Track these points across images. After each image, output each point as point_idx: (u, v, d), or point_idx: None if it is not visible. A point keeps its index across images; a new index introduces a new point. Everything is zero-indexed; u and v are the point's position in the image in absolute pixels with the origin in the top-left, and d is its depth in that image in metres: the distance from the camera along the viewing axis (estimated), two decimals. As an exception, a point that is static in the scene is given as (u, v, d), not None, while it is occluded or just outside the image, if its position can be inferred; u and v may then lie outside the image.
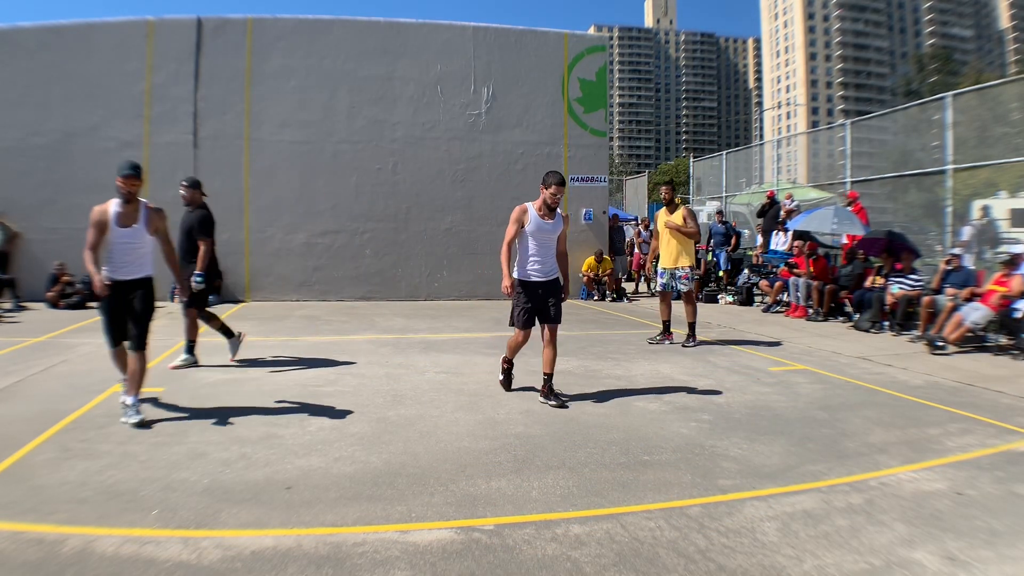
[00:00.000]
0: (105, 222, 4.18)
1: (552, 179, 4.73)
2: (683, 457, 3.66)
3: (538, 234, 4.81)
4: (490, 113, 12.64)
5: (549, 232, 4.82)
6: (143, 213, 4.38)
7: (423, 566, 2.42)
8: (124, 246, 4.26)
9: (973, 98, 10.52)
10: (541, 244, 4.82)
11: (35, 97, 11.13)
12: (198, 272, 5.93)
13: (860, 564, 2.46)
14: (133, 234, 4.28)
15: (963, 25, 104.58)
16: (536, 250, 4.81)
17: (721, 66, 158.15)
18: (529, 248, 4.82)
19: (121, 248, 4.25)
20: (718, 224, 13.44)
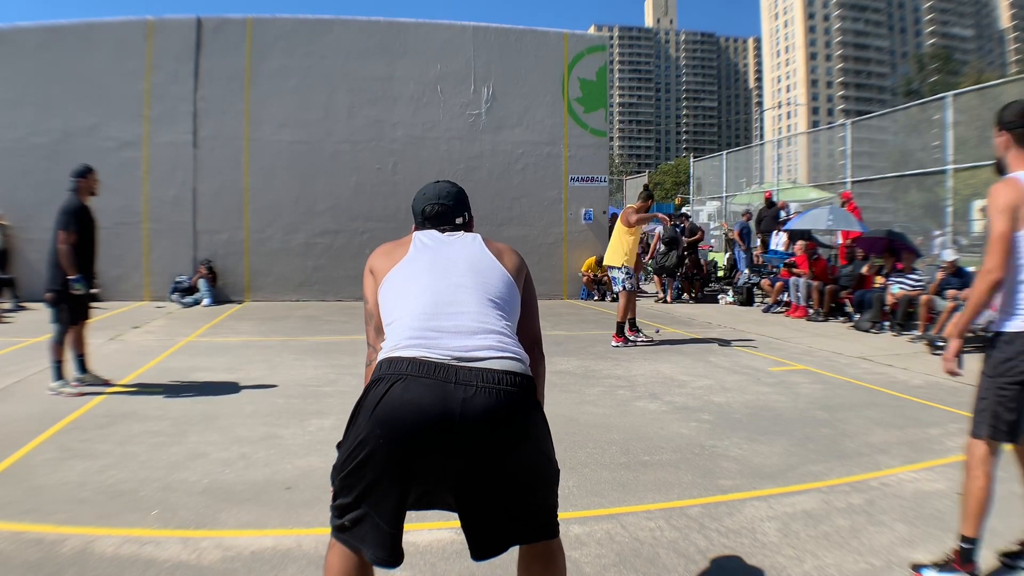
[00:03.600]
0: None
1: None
2: (683, 457, 3.65)
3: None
4: (490, 113, 12.64)
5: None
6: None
7: (423, 566, 2.42)
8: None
9: (973, 98, 10.51)
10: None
11: (35, 97, 11.13)
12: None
13: (860, 564, 2.46)
14: None
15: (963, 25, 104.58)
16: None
17: (721, 66, 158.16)
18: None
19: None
20: (746, 223, 13.35)
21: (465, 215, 1.85)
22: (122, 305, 10.49)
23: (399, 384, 1.37)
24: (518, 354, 1.48)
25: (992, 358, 2.34)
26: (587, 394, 5.12)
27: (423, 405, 1.35)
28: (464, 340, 1.43)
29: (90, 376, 5.14)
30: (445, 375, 1.37)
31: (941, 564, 2.33)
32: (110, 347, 6.94)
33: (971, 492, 2.32)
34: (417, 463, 1.39)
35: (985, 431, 2.31)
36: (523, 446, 1.44)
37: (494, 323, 1.50)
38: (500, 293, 1.59)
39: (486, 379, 1.37)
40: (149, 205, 11.48)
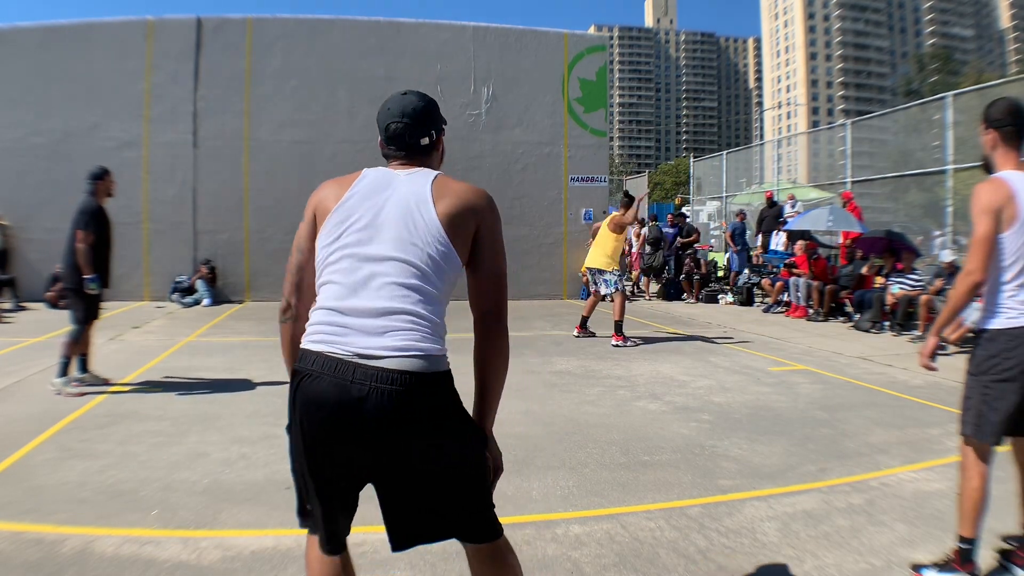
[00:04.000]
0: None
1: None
2: (683, 457, 3.66)
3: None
4: (490, 113, 12.64)
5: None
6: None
7: (423, 566, 2.42)
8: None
9: (974, 98, 10.51)
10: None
11: (35, 97, 11.13)
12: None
13: (860, 564, 2.46)
14: None
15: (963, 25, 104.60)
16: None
17: (721, 66, 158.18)
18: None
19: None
20: (740, 223, 13.34)
21: (432, 134, 1.68)
22: (122, 305, 10.48)
23: (307, 380, 1.42)
24: (420, 349, 1.42)
25: (976, 356, 2.34)
26: (587, 394, 5.12)
27: (326, 402, 1.38)
28: (368, 335, 1.40)
29: (90, 376, 5.17)
30: (343, 373, 1.38)
31: (941, 564, 2.33)
32: (110, 347, 6.94)
33: (966, 492, 2.31)
34: (328, 457, 1.43)
35: (971, 430, 2.32)
36: (425, 445, 1.42)
37: (406, 305, 1.43)
38: (425, 259, 1.47)
39: (380, 379, 1.37)
40: (149, 205, 11.48)
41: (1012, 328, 2.24)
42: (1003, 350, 2.25)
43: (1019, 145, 2.35)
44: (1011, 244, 2.23)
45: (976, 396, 2.31)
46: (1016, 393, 2.24)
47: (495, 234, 1.58)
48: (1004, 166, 2.33)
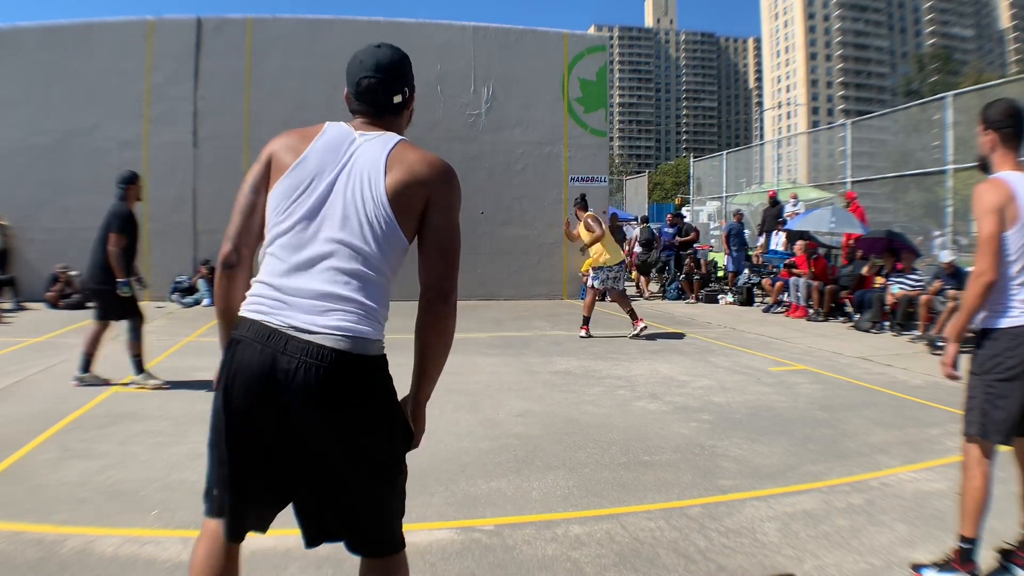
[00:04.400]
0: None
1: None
2: (683, 457, 3.66)
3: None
4: (490, 113, 12.63)
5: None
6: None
7: (423, 566, 2.42)
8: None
9: (973, 98, 10.51)
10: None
11: (35, 97, 11.13)
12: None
13: (860, 564, 2.46)
14: None
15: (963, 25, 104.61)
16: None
17: (721, 66, 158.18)
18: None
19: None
20: (737, 224, 13.34)
21: (405, 92, 1.62)
22: (122, 305, 10.48)
23: (240, 347, 1.39)
24: (353, 330, 1.37)
25: (979, 356, 2.35)
26: (587, 394, 5.12)
27: (255, 371, 1.35)
28: (305, 312, 1.37)
29: (90, 376, 5.18)
30: (276, 343, 1.35)
31: (941, 564, 2.32)
32: (110, 347, 6.93)
33: (968, 492, 2.31)
34: (249, 428, 1.38)
35: (975, 429, 2.32)
36: (345, 433, 1.37)
37: (345, 292, 1.39)
38: (370, 240, 1.42)
39: (310, 354, 1.33)
40: (149, 205, 11.42)
41: (1015, 327, 2.25)
42: (1006, 349, 2.25)
43: (1018, 146, 2.36)
44: (1013, 243, 2.24)
45: (980, 395, 2.30)
46: (1020, 391, 2.24)
47: (446, 209, 1.50)
48: (1003, 167, 2.34)
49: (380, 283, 1.46)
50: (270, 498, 1.45)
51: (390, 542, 1.51)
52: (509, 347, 7.23)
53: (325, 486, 1.41)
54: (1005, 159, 2.35)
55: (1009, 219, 2.24)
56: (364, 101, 1.59)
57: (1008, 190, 2.25)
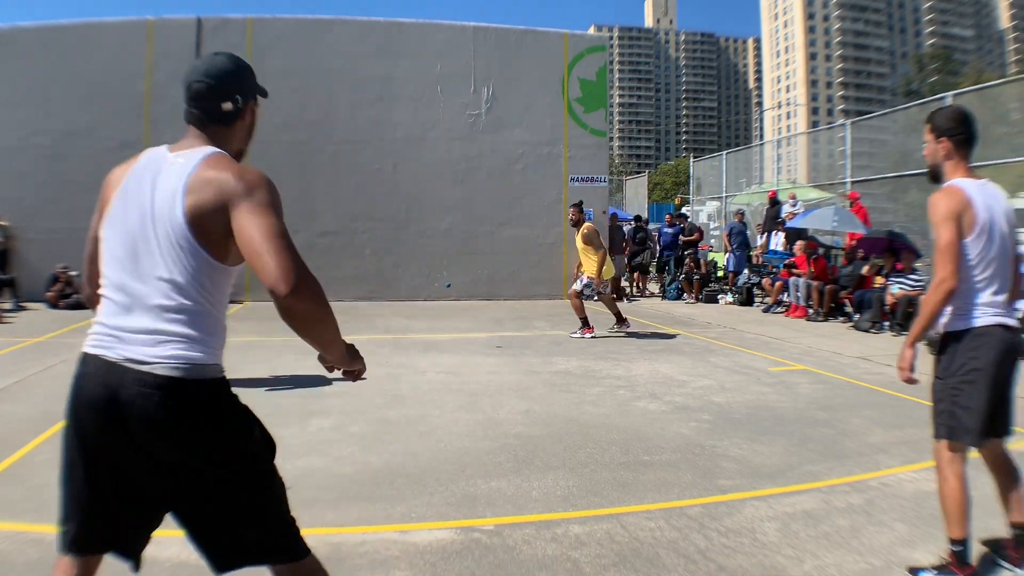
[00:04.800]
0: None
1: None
2: (683, 457, 3.66)
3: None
4: (490, 113, 12.64)
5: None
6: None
7: (423, 566, 2.42)
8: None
9: (973, 98, 10.51)
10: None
11: (36, 97, 11.13)
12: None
13: (860, 564, 2.46)
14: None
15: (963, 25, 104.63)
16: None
17: (721, 66, 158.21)
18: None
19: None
20: (739, 223, 13.33)
21: (237, 99, 1.57)
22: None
23: (82, 381, 1.43)
24: (185, 358, 1.39)
25: (943, 360, 2.38)
26: (587, 394, 5.12)
27: (97, 404, 1.38)
28: (139, 345, 1.39)
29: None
30: (114, 376, 1.38)
31: (939, 567, 2.32)
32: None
33: (947, 495, 2.31)
34: (102, 458, 1.41)
35: (944, 432, 2.33)
36: (193, 458, 1.40)
37: (171, 327, 1.39)
38: (182, 271, 1.40)
39: (145, 384, 1.36)
40: (149, 205, 11.48)
41: (975, 328, 2.30)
42: (969, 351, 2.30)
43: (969, 153, 2.38)
44: (972, 249, 2.29)
45: (946, 399, 2.34)
46: (984, 392, 2.27)
47: (254, 215, 1.37)
48: (956, 174, 2.36)
49: (202, 311, 1.44)
50: (134, 521, 1.47)
51: (285, 549, 1.54)
52: (509, 347, 7.24)
53: (197, 506, 1.44)
54: (958, 167, 2.37)
55: (967, 226, 2.27)
56: (193, 107, 1.57)
57: (964, 197, 2.27)
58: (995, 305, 2.31)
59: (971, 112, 2.43)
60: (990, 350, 2.28)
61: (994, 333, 2.29)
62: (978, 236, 2.28)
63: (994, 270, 2.31)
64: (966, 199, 2.27)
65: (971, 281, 2.31)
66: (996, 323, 2.30)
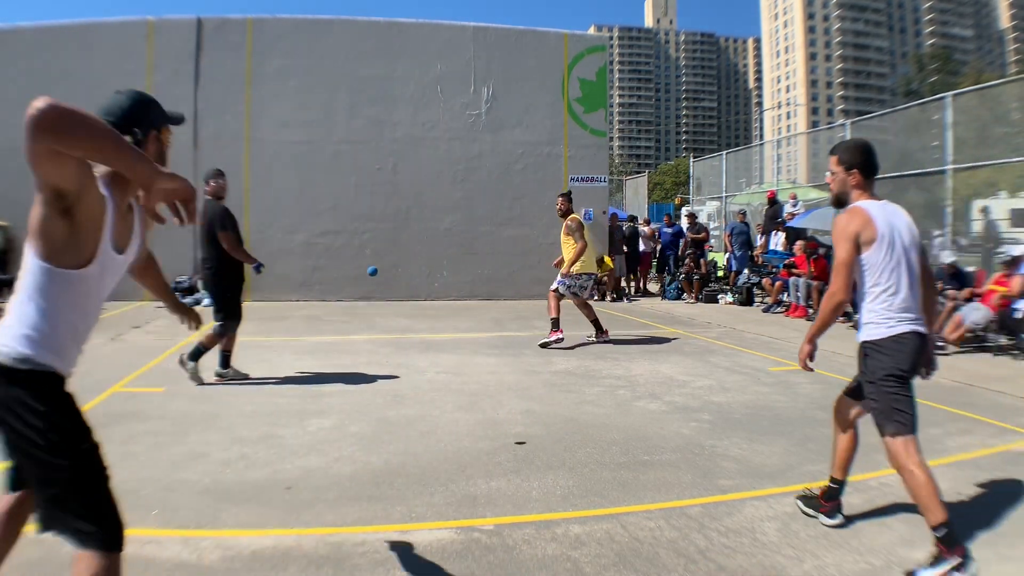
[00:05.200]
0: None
1: None
2: (683, 457, 3.66)
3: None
4: (490, 113, 12.64)
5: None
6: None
7: (423, 566, 2.42)
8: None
9: (973, 98, 10.51)
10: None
11: (35, 97, 11.10)
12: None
13: (860, 564, 2.46)
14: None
15: (963, 25, 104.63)
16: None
17: (721, 66, 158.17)
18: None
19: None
20: (740, 223, 13.32)
21: (136, 132, 1.76)
22: (123, 305, 10.48)
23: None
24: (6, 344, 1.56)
25: (869, 366, 2.61)
26: (587, 394, 5.12)
27: None
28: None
29: (232, 371, 5.47)
30: None
31: (933, 561, 2.32)
32: (111, 347, 6.95)
33: (917, 486, 2.41)
34: None
35: (893, 428, 2.49)
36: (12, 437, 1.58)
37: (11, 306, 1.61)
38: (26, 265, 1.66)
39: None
40: (149, 205, 11.48)
41: (893, 336, 2.53)
42: (890, 356, 2.53)
43: (873, 179, 2.67)
44: (875, 260, 2.53)
45: (884, 400, 2.53)
46: (908, 390, 2.53)
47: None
48: (860, 199, 2.65)
49: (28, 300, 1.64)
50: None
51: (77, 534, 1.68)
52: (509, 347, 7.24)
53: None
54: (862, 192, 2.66)
55: (866, 241, 2.53)
56: None
57: (866, 216, 2.54)
58: (907, 312, 2.54)
59: (872, 143, 2.73)
60: (908, 353, 2.52)
61: (908, 338, 2.53)
62: (879, 247, 2.53)
63: (898, 279, 2.54)
64: (868, 217, 2.53)
65: (880, 291, 2.56)
66: (910, 330, 2.53)
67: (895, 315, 2.54)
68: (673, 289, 12.99)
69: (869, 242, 2.53)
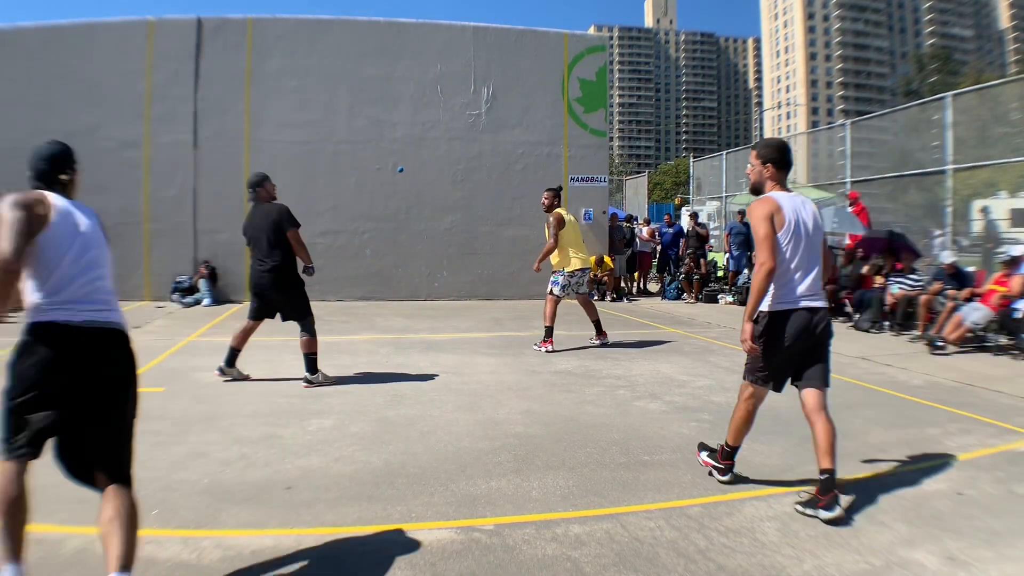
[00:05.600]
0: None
1: None
2: (683, 457, 3.66)
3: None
4: (490, 113, 12.64)
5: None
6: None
7: (423, 566, 2.42)
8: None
9: (973, 98, 10.51)
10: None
11: (35, 97, 11.12)
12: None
13: (860, 564, 2.46)
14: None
15: (963, 25, 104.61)
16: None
17: (721, 66, 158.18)
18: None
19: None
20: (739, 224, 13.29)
21: (68, 172, 2.50)
22: (122, 305, 10.48)
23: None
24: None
25: (756, 331, 3.08)
26: (587, 394, 5.12)
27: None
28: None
29: (235, 371, 5.42)
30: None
31: (807, 501, 2.88)
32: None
33: (738, 415, 3.20)
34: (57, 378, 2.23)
35: (751, 378, 3.15)
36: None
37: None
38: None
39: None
40: (149, 205, 11.49)
41: (774, 311, 3.02)
42: (769, 325, 3.03)
43: (785, 173, 3.11)
44: (782, 244, 2.97)
45: (755, 357, 3.11)
46: (783, 353, 3.03)
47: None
48: (773, 189, 3.08)
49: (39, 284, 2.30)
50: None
51: (124, 471, 2.20)
52: (509, 347, 7.24)
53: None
54: (774, 184, 3.09)
55: (777, 224, 2.95)
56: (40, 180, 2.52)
57: (775, 203, 2.97)
58: (804, 290, 2.99)
59: (788, 142, 3.20)
60: (795, 324, 2.99)
61: (798, 313, 2.99)
62: (785, 232, 2.95)
63: (800, 261, 2.98)
64: (777, 205, 2.97)
65: (784, 270, 2.99)
66: (803, 306, 2.99)
67: (789, 291, 3.00)
68: (673, 289, 12.99)
69: (779, 226, 2.95)
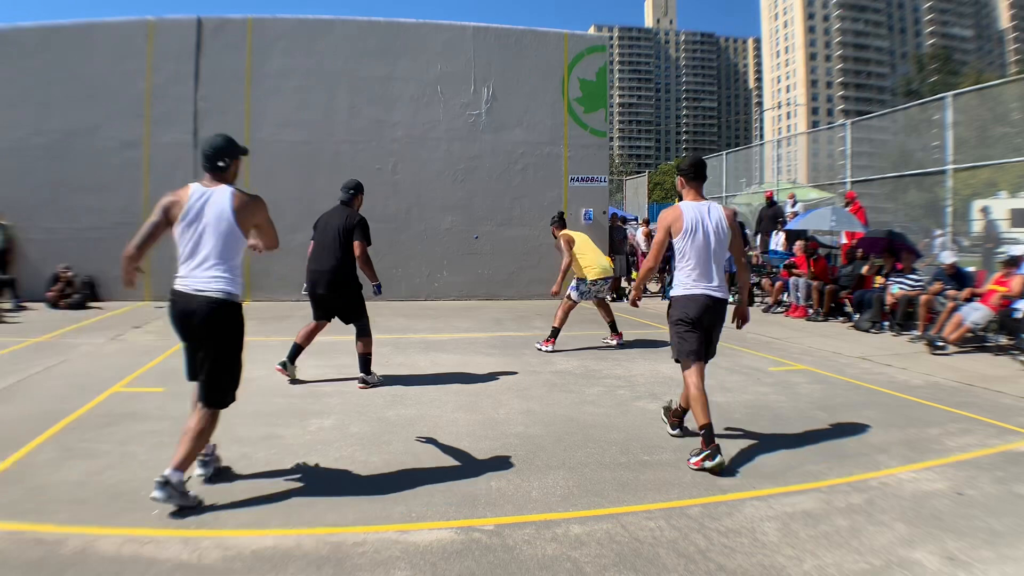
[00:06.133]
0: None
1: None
2: (683, 457, 3.66)
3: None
4: (490, 113, 12.64)
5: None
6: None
7: (423, 566, 2.42)
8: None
9: (973, 98, 10.51)
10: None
11: (35, 97, 11.12)
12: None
13: (860, 564, 2.46)
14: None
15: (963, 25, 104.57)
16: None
17: (721, 66, 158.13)
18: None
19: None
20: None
21: (226, 160, 3.36)
22: (122, 305, 10.49)
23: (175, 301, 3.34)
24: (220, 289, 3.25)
25: (669, 313, 3.77)
26: (587, 394, 5.12)
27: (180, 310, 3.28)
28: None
29: (293, 368, 5.48)
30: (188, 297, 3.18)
31: (697, 452, 3.46)
32: (111, 347, 6.95)
33: (690, 395, 3.62)
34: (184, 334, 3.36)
35: (674, 355, 3.76)
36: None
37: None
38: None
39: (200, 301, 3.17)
40: (149, 205, 11.38)
41: (682, 295, 3.68)
42: (678, 307, 3.70)
43: (700, 185, 3.80)
44: (681, 244, 3.65)
45: (674, 337, 3.71)
46: (693, 332, 3.63)
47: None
48: (687, 198, 3.77)
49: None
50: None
51: (227, 397, 3.35)
52: (509, 347, 7.24)
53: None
54: (688, 194, 3.78)
55: (676, 230, 3.64)
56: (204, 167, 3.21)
57: (679, 212, 3.66)
58: (700, 280, 3.63)
59: (703, 159, 4.11)
60: (696, 307, 3.62)
61: (699, 298, 3.62)
62: (684, 235, 3.62)
63: (697, 259, 3.63)
64: (679, 214, 3.65)
65: (682, 265, 3.68)
66: (701, 292, 3.62)
67: (692, 282, 3.65)
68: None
69: (677, 231, 3.64)
